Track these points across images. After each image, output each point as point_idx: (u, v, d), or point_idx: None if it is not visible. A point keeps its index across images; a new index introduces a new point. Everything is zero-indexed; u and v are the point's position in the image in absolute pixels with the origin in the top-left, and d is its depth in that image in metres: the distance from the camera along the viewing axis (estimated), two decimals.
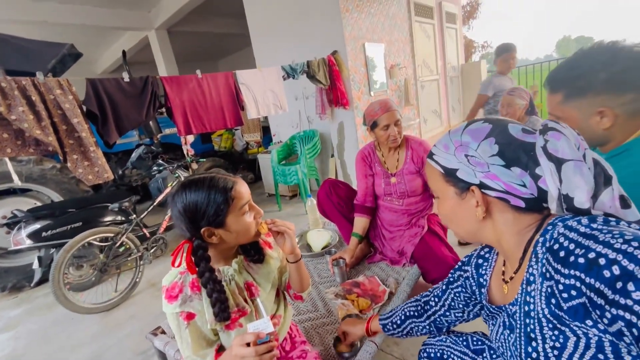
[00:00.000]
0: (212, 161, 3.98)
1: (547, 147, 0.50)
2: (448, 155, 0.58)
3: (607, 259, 0.39)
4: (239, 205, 0.75)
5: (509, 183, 0.52)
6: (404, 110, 4.03)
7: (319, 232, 1.82)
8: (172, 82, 2.00)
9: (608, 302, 0.39)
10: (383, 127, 1.44)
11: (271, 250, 0.92)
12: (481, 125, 0.56)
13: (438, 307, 0.82)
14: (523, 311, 0.54)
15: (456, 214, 0.60)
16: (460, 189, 0.57)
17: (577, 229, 0.45)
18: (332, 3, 3.02)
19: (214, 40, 7.11)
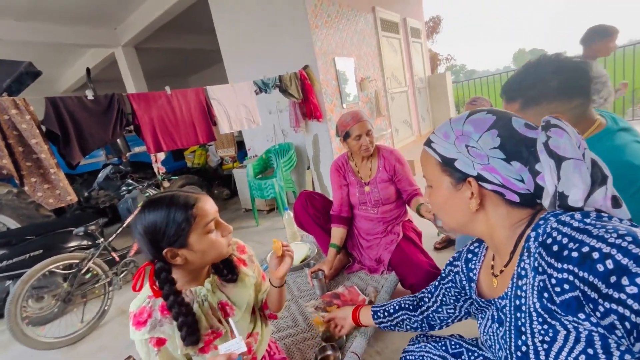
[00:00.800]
0: (185, 178, 3.87)
1: (549, 144, 0.49)
2: (447, 144, 0.57)
3: (601, 253, 0.39)
4: (202, 223, 0.72)
5: (506, 177, 0.52)
6: (376, 121, 4.14)
7: (297, 245, 1.80)
8: (139, 99, 1.95)
9: (601, 296, 0.39)
10: (355, 137, 1.47)
11: (246, 267, 0.89)
12: (485, 116, 0.55)
13: (431, 302, 0.82)
14: (513, 305, 0.54)
15: (449, 204, 0.59)
16: (457, 179, 0.56)
17: (570, 223, 0.45)
18: (301, 20, 3.09)
19: (184, 57, 7.05)
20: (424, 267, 1.34)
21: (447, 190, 0.58)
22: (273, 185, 3.11)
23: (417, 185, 1.54)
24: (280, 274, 0.87)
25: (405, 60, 5.05)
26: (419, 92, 5.49)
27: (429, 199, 0.64)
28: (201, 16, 4.38)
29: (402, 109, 4.89)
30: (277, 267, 0.87)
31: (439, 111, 5.94)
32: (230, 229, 0.79)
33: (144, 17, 4.48)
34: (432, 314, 0.83)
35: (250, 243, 2.96)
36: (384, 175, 1.53)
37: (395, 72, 4.72)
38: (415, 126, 5.28)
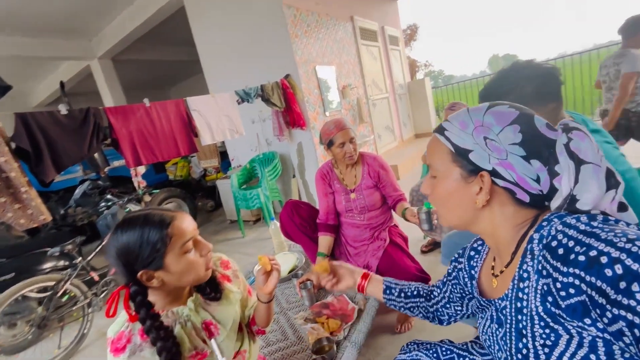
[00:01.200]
0: (167, 192, 3.79)
1: (570, 145, 0.48)
2: (464, 134, 0.53)
3: (609, 258, 0.38)
4: (178, 243, 0.68)
5: (522, 175, 0.50)
6: (358, 128, 4.18)
7: (284, 255, 1.78)
8: (117, 113, 1.90)
9: (610, 302, 0.38)
10: (339, 144, 1.48)
11: (230, 283, 0.86)
12: (507, 110, 0.52)
13: (439, 298, 0.81)
14: (514, 307, 0.53)
15: (453, 197, 0.56)
16: (468, 171, 0.53)
17: (576, 226, 0.44)
18: (281, 30, 3.11)
19: (164, 68, 6.95)
20: (412, 272, 1.34)
21: (455, 183, 0.55)
22: (258, 195, 3.07)
23: (401, 190, 1.55)
24: (268, 289, 0.84)
25: (385, 68, 5.15)
26: (399, 98, 5.60)
27: (431, 190, 0.61)
28: (180, 27, 4.34)
29: (384, 115, 4.96)
30: (265, 282, 0.85)
31: (420, 116, 6.07)
32: (209, 247, 0.76)
33: (120, 29, 4.40)
34: (441, 309, 0.81)
35: (237, 255, 2.92)
36: (369, 181, 1.54)
37: (375, 79, 4.80)
38: (397, 132, 5.37)
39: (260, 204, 3.08)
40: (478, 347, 0.77)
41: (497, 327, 0.58)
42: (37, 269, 2.08)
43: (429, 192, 0.61)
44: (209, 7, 3.57)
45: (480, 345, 0.77)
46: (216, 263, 0.88)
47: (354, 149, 1.50)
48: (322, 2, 3.68)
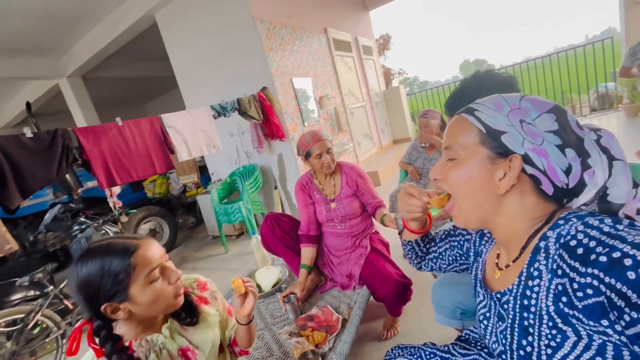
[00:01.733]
0: (145, 210, 3.68)
1: (601, 142, 0.49)
2: (498, 115, 0.51)
3: (635, 260, 0.37)
4: (143, 272, 0.65)
5: (553, 165, 0.48)
6: (338, 136, 4.24)
7: (267, 269, 1.76)
8: (87, 133, 1.85)
9: (629, 305, 0.37)
10: (316, 155, 1.50)
11: (208, 306, 0.84)
12: (544, 99, 0.52)
13: (431, 250, 0.82)
14: (519, 304, 0.52)
15: (473, 182, 0.53)
16: (497, 154, 0.51)
17: (600, 227, 0.43)
18: (255, 43, 3.14)
19: (139, 84, 6.80)
20: (393, 278, 1.36)
21: (479, 165, 0.52)
22: (240, 208, 3.04)
23: (380, 197, 1.58)
24: (245, 312, 0.82)
25: (360, 77, 5.27)
26: (376, 106, 5.73)
27: (445, 174, 0.57)
28: (153, 43, 4.28)
29: (362, 123, 5.05)
30: (242, 304, 0.83)
31: (397, 123, 6.22)
32: (178, 274, 0.73)
33: (89, 46, 4.29)
34: (427, 261, 0.82)
35: (220, 272, 2.86)
36: (348, 190, 1.56)
37: (352, 88, 4.90)
38: (376, 138, 5.47)
39: (242, 218, 3.04)
40: (459, 349, 0.79)
41: (497, 320, 0.58)
42: (4, 301, 1.96)
43: (440, 176, 0.58)
44: (180, 23, 3.56)
45: (461, 346, 0.79)
46: (192, 285, 0.85)
47: (332, 159, 1.52)
48: (295, 16, 3.74)
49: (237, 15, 3.12)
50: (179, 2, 3.44)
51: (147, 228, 3.70)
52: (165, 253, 0.73)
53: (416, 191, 0.67)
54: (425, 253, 0.83)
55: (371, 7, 6.21)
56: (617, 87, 4.51)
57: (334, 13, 4.83)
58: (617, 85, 4.44)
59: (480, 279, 0.65)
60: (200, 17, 3.40)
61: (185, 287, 0.81)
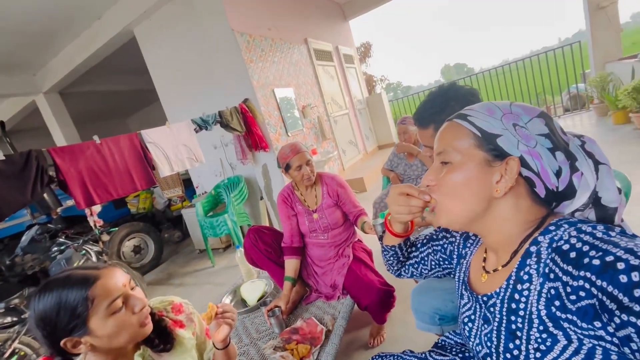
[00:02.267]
0: (129, 227, 3.60)
1: (585, 147, 0.52)
2: (492, 119, 0.53)
3: (627, 264, 0.37)
4: (103, 304, 0.63)
5: (545, 167, 0.50)
6: (322, 145, 4.27)
7: (252, 283, 1.75)
8: (63, 153, 1.81)
9: (620, 308, 0.37)
10: (296, 167, 1.51)
11: (183, 329, 0.82)
12: (531, 105, 0.54)
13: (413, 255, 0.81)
14: (507, 307, 0.53)
15: (470, 185, 0.53)
16: (494, 156, 0.52)
17: (593, 233, 0.44)
18: (235, 56, 3.15)
19: (119, 98, 6.70)
20: (375, 286, 1.38)
21: (476, 169, 0.53)
22: (225, 221, 3.01)
23: (361, 205, 1.60)
24: (219, 337, 0.80)
25: (342, 85, 5.34)
26: (359, 113, 5.80)
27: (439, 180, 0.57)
28: (133, 57, 4.24)
29: (346, 130, 5.11)
30: (217, 328, 0.81)
31: (380, 128, 6.32)
32: (143, 302, 0.70)
33: (66, 62, 4.22)
34: (408, 266, 0.81)
35: (207, 286, 2.82)
36: (329, 200, 1.58)
37: (334, 97, 4.96)
38: (360, 145, 5.53)
39: (229, 230, 3.02)
40: (435, 355, 0.80)
41: (482, 322, 0.58)
42: None
43: (434, 182, 0.58)
44: (160, 38, 3.55)
45: (437, 352, 0.81)
46: (167, 309, 0.84)
47: (311, 170, 1.54)
48: (275, 27, 3.79)
49: (216, 29, 3.14)
50: (158, 17, 3.44)
51: (131, 245, 3.62)
52: (130, 280, 0.71)
53: (416, 191, 0.64)
54: (407, 258, 0.83)
55: (350, 17, 6.33)
56: (587, 88, 4.72)
57: (314, 24, 4.91)
58: (587, 87, 4.64)
59: (464, 282, 0.66)
60: (180, 32, 3.40)
61: (159, 311, 0.80)
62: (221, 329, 0.81)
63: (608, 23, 4.39)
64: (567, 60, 5.31)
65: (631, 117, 3.53)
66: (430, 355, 0.80)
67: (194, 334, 0.83)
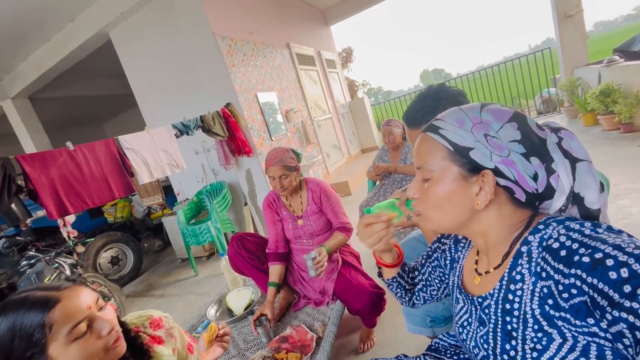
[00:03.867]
0: (106, 237, 3.45)
1: (562, 144, 0.50)
2: (462, 132, 0.52)
3: (616, 261, 0.38)
4: (64, 329, 0.56)
5: (522, 173, 0.49)
6: (306, 149, 4.25)
7: (238, 292, 1.70)
8: (33, 161, 1.71)
9: (611, 304, 0.38)
10: (270, 177, 1.48)
11: (162, 345, 0.77)
12: (502, 107, 0.52)
13: (417, 280, 0.79)
14: (501, 308, 0.52)
15: (451, 199, 0.53)
16: (468, 171, 0.51)
17: (581, 230, 0.44)
18: (217, 60, 3.10)
19: (95, 103, 6.44)
20: (367, 289, 1.37)
21: (454, 183, 0.52)
22: (208, 228, 2.93)
23: (344, 217, 1.54)
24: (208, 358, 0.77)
25: (325, 90, 5.36)
26: (342, 117, 5.84)
27: (422, 194, 0.57)
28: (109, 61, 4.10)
29: (330, 134, 5.12)
30: (206, 348, 0.77)
31: (363, 132, 6.38)
32: (111, 325, 0.63)
33: (36, 65, 4.02)
34: (417, 292, 0.79)
35: (190, 296, 2.73)
36: (314, 207, 1.55)
37: (317, 101, 4.97)
38: (344, 149, 5.56)
39: (212, 238, 2.94)
40: (430, 358, 0.80)
41: (477, 324, 0.58)
42: None
43: (417, 196, 0.58)
44: (137, 41, 3.45)
45: (432, 355, 0.80)
46: (144, 324, 0.78)
47: (283, 185, 1.46)
48: (256, 32, 3.76)
49: (196, 33, 3.08)
50: (135, 20, 3.35)
51: (109, 256, 3.47)
52: (98, 300, 0.64)
53: (372, 217, 0.65)
54: (413, 284, 0.81)
55: (331, 22, 6.39)
56: (558, 92, 4.95)
57: (296, 29, 4.92)
58: (558, 91, 4.87)
59: (459, 285, 0.66)
60: (159, 35, 3.32)
61: (135, 327, 0.75)
62: (215, 351, 0.77)
63: (575, 30, 4.63)
64: (538, 66, 5.57)
65: (599, 119, 3.73)
66: (425, 359, 0.79)
67: (174, 351, 0.78)
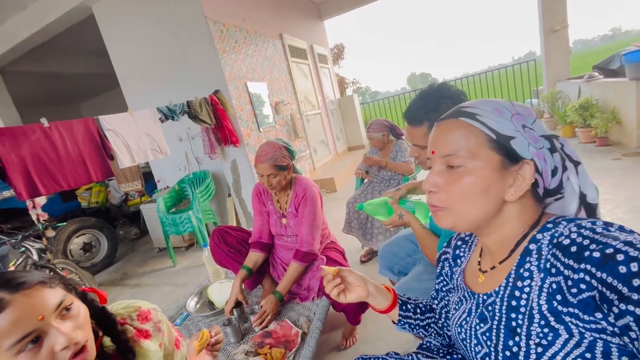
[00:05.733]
0: (79, 222, 3.28)
1: (565, 150, 0.52)
2: (503, 120, 0.51)
3: (627, 256, 0.38)
4: (5, 344, 0.48)
5: (547, 168, 0.51)
6: (294, 143, 4.21)
7: (221, 284, 1.65)
8: (2, 136, 1.58)
9: (620, 298, 0.38)
10: (259, 174, 1.44)
11: (149, 340, 0.72)
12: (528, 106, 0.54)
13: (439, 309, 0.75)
14: (507, 305, 0.53)
15: (486, 190, 0.51)
16: (510, 159, 0.51)
17: (593, 228, 0.45)
18: (207, 45, 3.00)
19: (73, 81, 6.09)
20: None
21: (493, 173, 0.51)
22: (189, 218, 2.85)
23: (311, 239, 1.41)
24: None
25: (316, 84, 5.32)
26: (331, 113, 5.82)
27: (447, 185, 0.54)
28: (90, 37, 3.88)
29: (318, 129, 5.09)
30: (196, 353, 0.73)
31: (351, 130, 6.39)
32: (69, 339, 0.53)
33: (9, 36, 3.75)
34: (444, 322, 0.75)
35: (168, 287, 2.64)
36: (294, 210, 1.50)
37: (307, 95, 4.92)
38: (331, 145, 5.54)
39: (192, 228, 2.85)
40: (423, 357, 0.78)
41: (478, 321, 0.57)
42: None
43: (436, 188, 0.55)
44: (123, 17, 3.27)
45: (424, 354, 0.79)
46: (132, 316, 0.73)
47: (270, 184, 1.41)
48: (250, 19, 3.66)
49: (187, 14, 2.96)
50: None
51: (81, 242, 3.30)
52: (58, 306, 0.54)
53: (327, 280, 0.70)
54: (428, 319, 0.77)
55: (325, 17, 6.33)
56: (539, 103, 5.13)
57: (289, 20, 4.83)
58: (540, 102, 5.05)
59: (461, 285, 0.65)
60: (146, 13, 3.16)
61: (122, 318, 0.70)
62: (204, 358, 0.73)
63: (559, 45, 4.81)
64: (523, 77, 5.75)
65: (577, 131, 3.89)
66: (417, 357, 0.78)
67: (160, 346, 0.74)
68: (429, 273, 1.11)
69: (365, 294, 0.71)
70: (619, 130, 3.41)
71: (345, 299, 0.71)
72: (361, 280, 0.72)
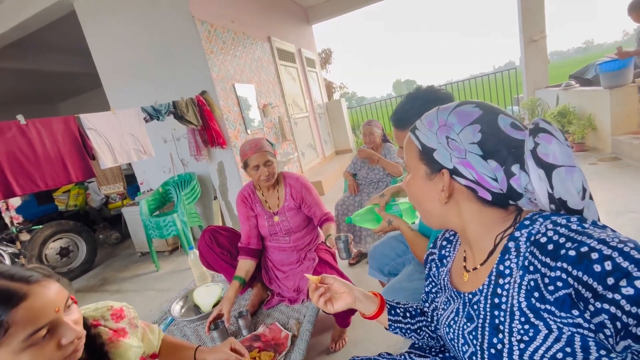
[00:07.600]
0: (55, 226, 3.14)
1: (537, 151, 0.48)
2: (430, 133, 0.56)
3: (601, 254, 0.39)
4: (21, 335, 0.47)
5: (481, 174, 0.52)
6: (282, 145, 4.18)
7: (207, 287, 1.60)
8: None
9: (595, 296, 0.39)
10: (253, 167, 1.41)
11: (127, 338, 0.68)
12: (471, 109, 0.54)
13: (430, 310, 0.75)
14: (490, 303, 0.54)
15: (423, 194, 0.59)
16: (432, 169, 0.56)
17: (568, 225, 0.46)
18: (194, 45, 2.95)
19: (51, 80, 5.87)
20: None
21: (422, 180, 0.58)
22: (174, 221, 2.77)
23: (327, 209, 1.56)
24: None
25: (304, 88, 5.32)
26: (319, 117, 5.83)
27: (407, 187, 0.64)
28: (71, 34, 3.77)
29: (306, 133, 5.09)
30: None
31: (338, 134, 6.42)
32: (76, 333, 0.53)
33: None
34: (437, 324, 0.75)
35: (150, 292, 2.56)
36: (292, 203, 1.50)
37: (295, 99, 4.91)
38: (319, 149, 5.55)
39: (177, 232, 2.78)
40: (415, 356, 0.78)
41: (465, 321, 0.58)
42: None
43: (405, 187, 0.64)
44: (106, 14, 3.19)
45: (416, 353, 0.79)
46: (105, 316, 0.69)
47: (270, 172, 1.42)
48: (238, 21, 3.64)
49: (174, 13, 2.91)
50: None
51: (57, 247, 3.16)
52: (67, 300, 0.54)
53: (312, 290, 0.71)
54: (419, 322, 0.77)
55: (313, 22, 6.38)
56: (520, 109, 5.31)
57: (278, 23, 4.84)
58: (520, 109, 5.22)
59: (447, 285, 0.66)
60: (130, 10, 3.09)
61: (95, 320, 0.67)
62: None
63: (538, 54, 5.00)
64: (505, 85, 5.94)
65: None
66: (410, 357, 0.78)
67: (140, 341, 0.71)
68: (420, 273, 1.12)
69: (352, 300, 0.72)
70: (594, 136, 3.56)
71: (333, 308, 0.70)
72: (346, 287, 0.72)
